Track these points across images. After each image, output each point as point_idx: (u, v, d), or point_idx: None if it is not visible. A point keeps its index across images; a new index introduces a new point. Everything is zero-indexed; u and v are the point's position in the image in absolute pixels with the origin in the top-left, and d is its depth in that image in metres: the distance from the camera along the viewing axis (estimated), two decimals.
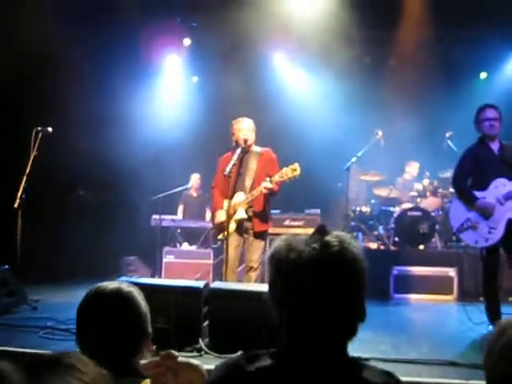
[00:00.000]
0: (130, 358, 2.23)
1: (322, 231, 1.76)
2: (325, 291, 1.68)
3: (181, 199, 11.31)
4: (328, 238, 1.73)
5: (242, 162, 7.08)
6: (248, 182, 7.04)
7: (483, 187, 6.35)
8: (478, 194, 6.35)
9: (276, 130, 10.26)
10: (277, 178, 6.64)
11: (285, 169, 6.60)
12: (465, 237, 6.45)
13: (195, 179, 11.23)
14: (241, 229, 7.03)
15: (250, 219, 6.99)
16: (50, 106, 9.44)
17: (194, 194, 11.35)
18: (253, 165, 7.10)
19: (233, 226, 6.92)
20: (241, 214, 6.95)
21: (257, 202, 6.96)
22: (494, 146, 6.43)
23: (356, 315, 1.75)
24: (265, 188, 6.71)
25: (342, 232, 1.79)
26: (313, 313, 1.69)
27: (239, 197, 7.00)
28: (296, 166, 6.53)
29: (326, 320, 1.70)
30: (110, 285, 2.33)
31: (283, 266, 1.72)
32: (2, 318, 6.44)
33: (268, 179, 6.73)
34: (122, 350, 2.21)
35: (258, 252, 6.95)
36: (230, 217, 6.81)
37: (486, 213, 6.26)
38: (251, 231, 7.01)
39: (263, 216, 7.05)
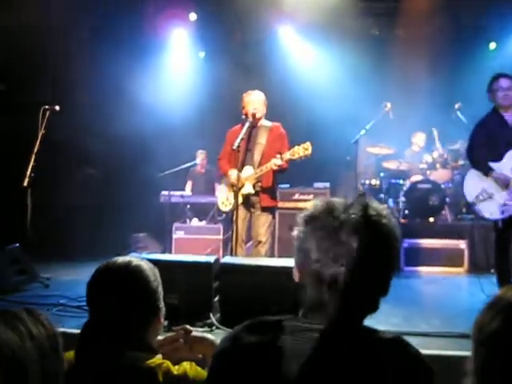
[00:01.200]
0: (140, 333, 2.22)
1: (362, 201, 1.75)
2: (360, 264, 1.66)
3: (188, 175, 11.33)
4: (370, 210, 1.72)
5: (250, 136, 7.06)
6: (257, 157, 7.02)
7: (497, 158, 6.26)
8: (492, 164, 6.27)
9: (284, 103, 10.17)
10: (288, 155, 6.63)
11: (296, 147, 6.59)
12: (480, 208, 6.37)
13: (201, 156, 11.23)
14: (247, 203, 7.04)
15: (257, 194, 7.00)
16: (57, 84, 9.46)
17: (202, 171, 11.36)
18: (262, 139, 7.07)
19: (239, 199, 6.85)
20: (248, 188, 6.93)
21: (265, 177, 6.96)
22: (508, 117, 6.33)
23: (381, 291, 1.75)
24: (275, 165, 6.69)
25: (380, 205, 1.79)
26: (343, 283, 1.66)
27: (247, 171, 6.97)
28: (308, 144, 6.51)
29: (352, 292, 1.68)
30: (120, 259, 2.33)
31: (322, 231, 1.70)
32: (14, 295, 6.44)
33: (278, 156, 6.69)
34: (132, 324, 2.19)
35: (265, 226, 6.98)
36: (238, 190, 6.76)
37: (502, 184, 6.19)
38: (258, 206, 7.02)
39: (271, 192, 7.07)
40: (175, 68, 12.11)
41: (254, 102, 7.01)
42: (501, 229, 6.29)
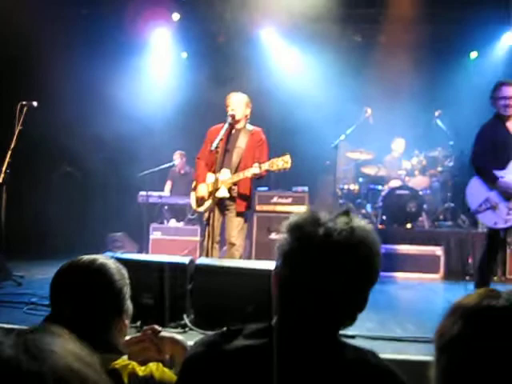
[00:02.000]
0: (103, 333, 2.16)
1: (347, 214, 1.72)
2: (342, 274, 1.63)
3: (168, 176, 11.25)
4: (355, 223, 1.70)
5: (230, 138, 6.98)
6: (235, 160, 6.94)
7: (501, 166, 6.17)
8: (497, 172, 6.16)
9: (265, 106, 10.04)
10: (266, 166, 6.58)
11: (276, 159, 6.53)
12: (483, 218, 6.31)
13: (179, 156, 11.09)
14: (221, 206, 6.97)
15: (232, 199, 6.92)
16: (35, 80, 9.30)
17: (181, 171, 11.27)
18: (241, 143, 6.99)
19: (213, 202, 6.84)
20: (223, 192, 6.85)
21: (242, 183, 6.89)
22: (510, 125, 6.21)
23: (359, 305, 1.74)
24: (253, 174, 6.64)
25: (362, 220, 1.77)
26: (321, 294, 1.65)
27: (224, 174, 6.89)
28: (288, 158, 6.46)
29: (331, 304, 1.67)
30: (86, 257, 2.26)
31: (308, 240, 1.66)
32: None
33: (257, 165, 6.63)
34: (93, 323, 2.13)
35: (237, 228, 6.91)
36: (213, 192, 6.73)
37: (507, 193, 6.11)
38: (233, 209, 6.95)
39: (246, 198, 6.99)
40: (157, 68, 12.06)
41: (233, 103, 6.92)
42: (501, 238, 6.26)
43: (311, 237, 1.66)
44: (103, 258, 2.29)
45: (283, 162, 6.45)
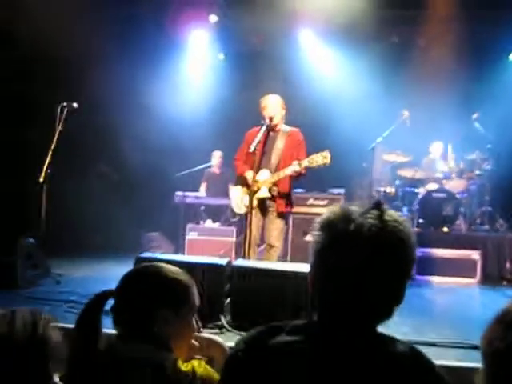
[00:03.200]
0: (155, 330, 2.22)
1: (379, 207, 1.73)
2: (375, 269, 1.65)
3: (203, 177, 11.25)
4: (386, 216, 1.71)
5: (268, 139, 7.03)
6: (274, 161, 6.98)
7: None
8: None
9: (303, 108, 10.06)
10: (306, 163, 6.61)
11: (315, 155, 6.55)
12: None
13: (217, 157, 11.17)
14: (262, 207, 6.99)
15: (273, 199, 6.95)
16: (75, 82, 9.47)
17: (217, 172, 11.29)
18: (280, 144, 7.03)
19: (254, 203, 6.82)
20: (264, 192, 6.90)
21: (282, 182, 6.92)
22: None
23: (396, 299, 1.73)
24: (293, 171, 6.68)
25: (396, 212, 1.78)
26: (357, 289, 1.67)
27: (264, 174, 6.94)
28: (327, 153, 6.47)
29: (367, 299, 1.68)
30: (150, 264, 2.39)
31: (340, 236, 1.68)
32: (27, 290, 6.50)
33: (296, 163, 6.67)
34: (148, 320, 2.21)
35: (277, 230, 6.95)
36: (253, 192, 6.74)
37: None
38: (273, 210, 6.97)
39: (287, 197, 7.02)
40: (194, 69, 12.13)
41: (270, 106, 6.97)
42: None
43: (342, 233, 1.68)
44: (162, 265, 2.36)
45: (322, 158, 6.47)
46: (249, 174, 6.92)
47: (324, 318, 1.74)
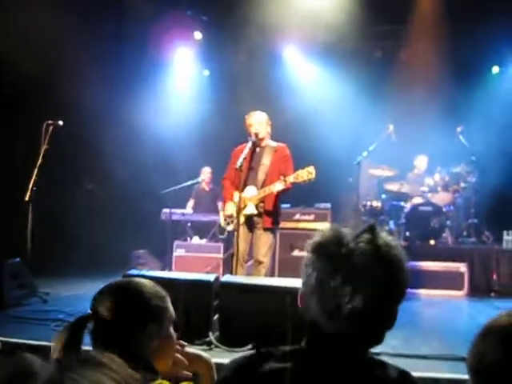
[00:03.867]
0: (141, 352, 2.15)
1: (371, 231, 1.71)
2: (367, 295, 1.63)
3: (192, 193, 11.20)
4: (379, 240, 1.69)
5: (254, 155, 7.03)
6: (260, 177, 6.97)
7: None
8: None
9: (287, 123, 10.19)
10: (291, 179, 6.58)
11: (300, 171, 6.52)
12: None
13: (206, 173, 11.12)
14: (250, 223, 6.98)
15: (259, 215, 6.93)
16: (59, 98, 9.44)
17: (206, 188, 11.24)
18: (266, 160, 7.02)
19: (241, 219, 6.79)
20: (251, 209, 6.90)
21: (268, 198, 6.89)
22: None
23: (387, 323, 1.73)
24: (279, 188, 6.64)
25: (388, 235, 1.75)
26: (348, 313, 1.63)
27: (250, 191, 6.94)
28: (312, 169, 6.44)
29: (358, 324, 1.66)
30: (123, 279, 2.31)
31: (331, 260, 1.66)
32: (14, 310, 6.45)
33: (282, 178, 6.65)
34: (132, 343, 2.13)
35: (266, 246, 6.90)
36: (239, 210, 6.71)
37: None
38: (260, 226, 6.94)
39: (273, 213, 6.97)
40: (180, 85, 12.20)
41: (255, 123, 6.98)
42: None
43: (334, 258, 1.65)
44: (140, 280, 2.30)
45: (307, 173, 6.43)
46: (234, 197, 6.93)
47: (313, 342, 1.73)
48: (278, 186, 6.66)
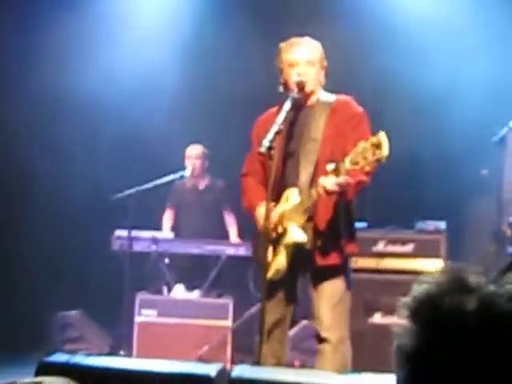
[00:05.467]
0: None
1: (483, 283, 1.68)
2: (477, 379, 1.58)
3: (169, 199, 9.67)
4: (499, 299, 1.66)
5: (295, 126, 6.10)
6: (307, 168, 6.03)
7: None
8: None
9: (377, 80, 9.79)
10: (347, 164, 5.45)
11: (361, 144, 5.40)
12: None
13: (195, 156, 9.63)
14: (297, 262, 5.85)
15: (315, 244, 5.93)
16: None
17: (198, 187, 9.65)
18: (317, 131, 6.02)
19: (282, 258, 5.78)
20: (297, 234, 5.83)
21: (323, 208, 5.82)
22: None
23: None
24: (338, 184, 5.62)
25: None
26: None
27: (291, 199, 5.97)
28: (380, 137, 5.31)
29: None
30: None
31: (453, 325, 1.69)
32: None
33: (332, 165, 5.54)
34: None
35: (333, 303, 6.00)
36: (270, 240, 5.81)
37: None
38: (316, 267, 5.87)
39: (338, 234, 5.98)
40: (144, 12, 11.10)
41: (302, 60, 6.00)
42: None
43: (458, 317, 1.69)
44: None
45: (373, 146, 5.47)
46: (260, 210, 6.07)
47: None
48: (330, 182, 5.55)
